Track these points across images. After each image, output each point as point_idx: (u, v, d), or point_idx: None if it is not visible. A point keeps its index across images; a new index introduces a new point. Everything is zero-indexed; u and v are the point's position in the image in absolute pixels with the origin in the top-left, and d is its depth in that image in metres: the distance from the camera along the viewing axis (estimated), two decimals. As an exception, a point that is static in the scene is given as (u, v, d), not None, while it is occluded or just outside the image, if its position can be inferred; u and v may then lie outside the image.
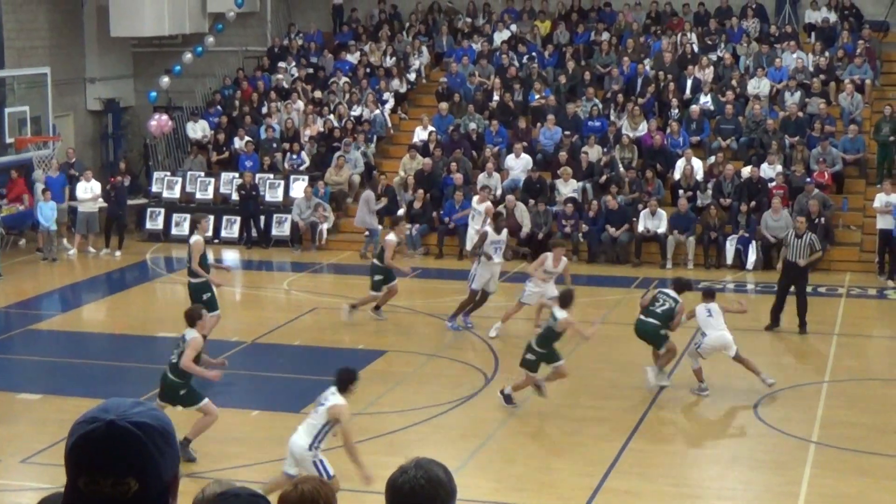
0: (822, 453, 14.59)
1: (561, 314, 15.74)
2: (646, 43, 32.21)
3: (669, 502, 13.40)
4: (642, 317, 17.07)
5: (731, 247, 25.71)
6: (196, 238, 18.64)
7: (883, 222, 24.68)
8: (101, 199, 27.76)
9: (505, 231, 21.11)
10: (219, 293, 19.05)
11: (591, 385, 17.38)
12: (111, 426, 2.66)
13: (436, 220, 27.34)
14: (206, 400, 14.17)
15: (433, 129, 29.74)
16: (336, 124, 30.39)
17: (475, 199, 24.60)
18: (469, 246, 24.32)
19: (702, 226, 26.09)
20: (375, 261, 20.92)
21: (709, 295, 17.49)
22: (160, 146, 31.96)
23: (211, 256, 20.68)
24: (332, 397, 11.91)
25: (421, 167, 28.29)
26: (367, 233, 27.24)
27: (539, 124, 29.57)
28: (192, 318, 14.22)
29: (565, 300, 16.04)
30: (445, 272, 24.95)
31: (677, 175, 27.42)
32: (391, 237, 20.72)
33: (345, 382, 12.00)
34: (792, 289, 20.06)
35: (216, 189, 29.69)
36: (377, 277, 20.61)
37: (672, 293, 17.08)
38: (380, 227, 27.21)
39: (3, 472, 14.05)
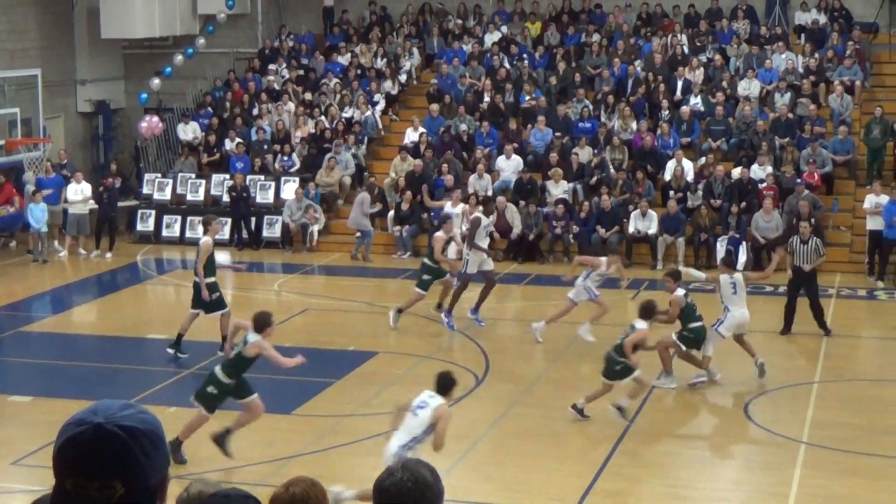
0: (812, 454, 14.61)
1: (640, 324, 15.42)
2: (636, 44, 32.25)
3: (660, 503, 13.42)
4: (701, 324, 17.00)
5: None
6: (205, 239, 18.66)
7: (873, 223, 24.77)
8: (91, 201, 27.74)
9: (494, 216, 21.69)
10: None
11: (582, 386, 17.38)
12: (98, 429, 2.67)
13: (426, 221, 27.35)
14: (212, 415, 13.85)
15: (424, 130, 29.75)
16: (327, 126, 30.39)
17: (447, 203, 24.61)
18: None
19: (692, 227, 26.14)
20: (426, 260, 20.86)
21: (729, 265, 17.79)
22: (151, 148, 31.94)
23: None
24: (433, 400, 11.73)
25: (412, 169, 28.31)
26: (358, 234, 27.30)
27: (530, 125, 29.60)
28: (260, 325, 13.82)
29: (647, 311, 15.64)
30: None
31: (668, 176, 27.46)
32: (440, 234, 20.76)
33: (446, 388, 11.85)
34: (801, 291, 20.11)
35: (207, 191, 29.70)
36: (426, 277, 20.58)
37: (684, 292, 17.27)
38: (372, 228, 27.27)
39: (-7, 474, 14.05)
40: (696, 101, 29.62)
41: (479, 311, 20.46)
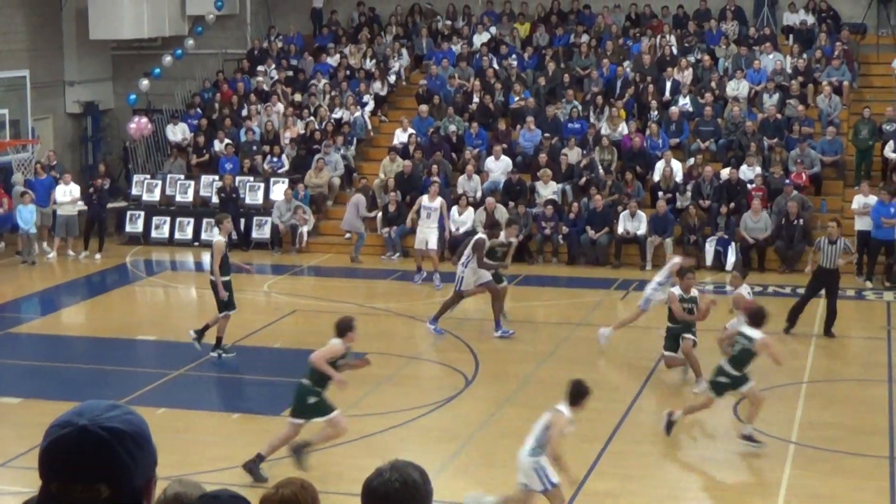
0: (800, 454, 14.65)
1: (757, 334, 14.69)
2: (625, 45, 32.30)
3: (649, 503, 13.44)
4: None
5: (710, 248, 25.80)
6: (218, 239, 18.65)
7: (861, 224, 24.83)
8: (80, 202, 27.69)
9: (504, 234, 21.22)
10: (201, 296, 19.00)
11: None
12: (83, 432, 2.68)
13: (414, 221, 27.31)
14: (337, 412, 13.48)
15: (413, 131, 29.76)
16: (316, 127, 30.38)
17: (425, 197, 24.67)
18: (423, 246, 24.32)
19: (681, 227, 26.18)
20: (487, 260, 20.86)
21: (744, 276, 18.27)
22: (140, 149, 31.89)
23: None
24: (559, 406, 11.69)
25: (401, 169, 28.30)
26: (347, 235, 27.33)
27: (519, 126, 29.62)
28: (341, 329, 13.45)
29: (758, 319, 14.95)
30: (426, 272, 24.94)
31: (657, 177, 27.50)
32: (502, 236, 20.75)
33: (577, 396, 11.69)
34: (822, 292, 20.26)
35: (196, 192, 29.66)
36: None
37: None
38: (364, 230, 27.16)
39: (-18, 476, 14.02)
40: (684, 101, 29.67)
41: (501, 324, 20.30)
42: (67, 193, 27.63)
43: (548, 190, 27.39)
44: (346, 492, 12.03)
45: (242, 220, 28.39)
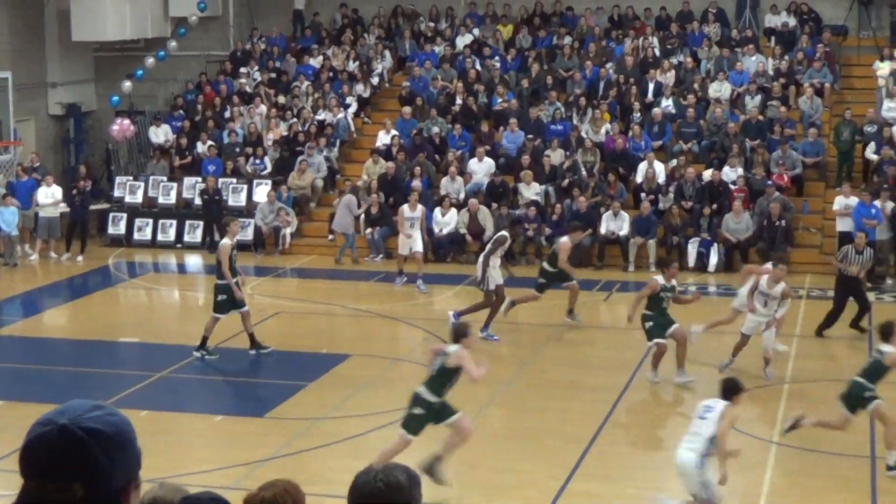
0: (783, 454, 14.70)
1: (888, 348, 14.31)
2: (608, 47, 32.36)
3: (632, 504, 13.47)
4: None
5: (692, 249, 25.87)
6: (224, 241, 18.71)
7: (842, 225, 24.93)
8: (62, 204, 27.62)
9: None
10: (183, 298, 18.96)
11: (556, 387, 17.46)
12: (62, 431, 2.68)
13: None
14: (459, 414, 13.23)
15: (396, 133, 29.76)
16: (299, 128, 30.35)
17: (406, 207, 24.66)
18: (407, 251, 24.31)
19: (664, 228, 26.23)
20: (545, 265, 20.82)
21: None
22: (122, 151, 31.82)
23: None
24: (719, 403, 11.86)
25: (384, 171, 28.31)
26: (330, 237, 27.31)
27: (502, 128, 29.65)
28: (458, 335, 13.34)
29: (888, 332, 14.48)
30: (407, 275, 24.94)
31: (639, 178, 27.56)
32: (565, 240, 20.70)
33: (730, 392, 11.96)
34: (829, 294, 20.55)
35: (179, 194, 29.63)
36: (541, 280, 20.68)
37: None
38: (353, 231, 27.09)
39: (-36, 479, 13.96)
40: (667, 103, 29.74)
41: (489, 327, 20.28)
42: (50, 195, 27.57)
43: (530, 191, 27.43)
44: (330, 493, 12.01)
45: (225, 222, 28.36)
